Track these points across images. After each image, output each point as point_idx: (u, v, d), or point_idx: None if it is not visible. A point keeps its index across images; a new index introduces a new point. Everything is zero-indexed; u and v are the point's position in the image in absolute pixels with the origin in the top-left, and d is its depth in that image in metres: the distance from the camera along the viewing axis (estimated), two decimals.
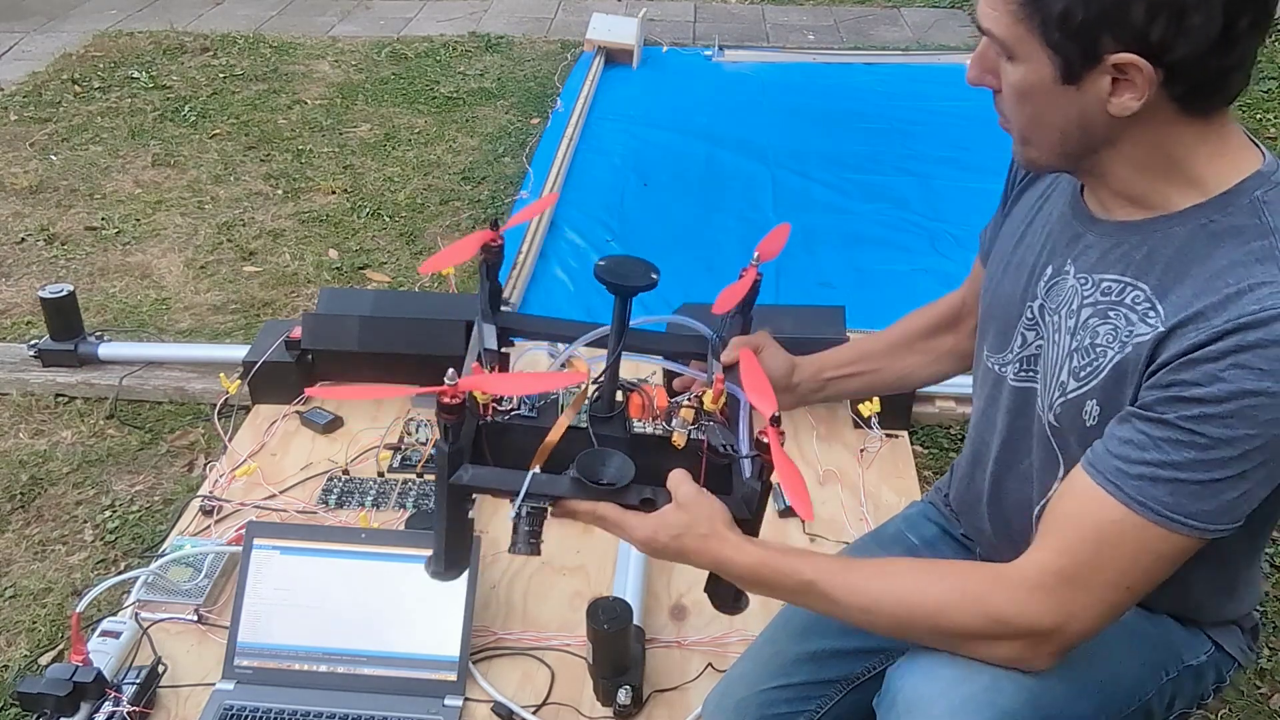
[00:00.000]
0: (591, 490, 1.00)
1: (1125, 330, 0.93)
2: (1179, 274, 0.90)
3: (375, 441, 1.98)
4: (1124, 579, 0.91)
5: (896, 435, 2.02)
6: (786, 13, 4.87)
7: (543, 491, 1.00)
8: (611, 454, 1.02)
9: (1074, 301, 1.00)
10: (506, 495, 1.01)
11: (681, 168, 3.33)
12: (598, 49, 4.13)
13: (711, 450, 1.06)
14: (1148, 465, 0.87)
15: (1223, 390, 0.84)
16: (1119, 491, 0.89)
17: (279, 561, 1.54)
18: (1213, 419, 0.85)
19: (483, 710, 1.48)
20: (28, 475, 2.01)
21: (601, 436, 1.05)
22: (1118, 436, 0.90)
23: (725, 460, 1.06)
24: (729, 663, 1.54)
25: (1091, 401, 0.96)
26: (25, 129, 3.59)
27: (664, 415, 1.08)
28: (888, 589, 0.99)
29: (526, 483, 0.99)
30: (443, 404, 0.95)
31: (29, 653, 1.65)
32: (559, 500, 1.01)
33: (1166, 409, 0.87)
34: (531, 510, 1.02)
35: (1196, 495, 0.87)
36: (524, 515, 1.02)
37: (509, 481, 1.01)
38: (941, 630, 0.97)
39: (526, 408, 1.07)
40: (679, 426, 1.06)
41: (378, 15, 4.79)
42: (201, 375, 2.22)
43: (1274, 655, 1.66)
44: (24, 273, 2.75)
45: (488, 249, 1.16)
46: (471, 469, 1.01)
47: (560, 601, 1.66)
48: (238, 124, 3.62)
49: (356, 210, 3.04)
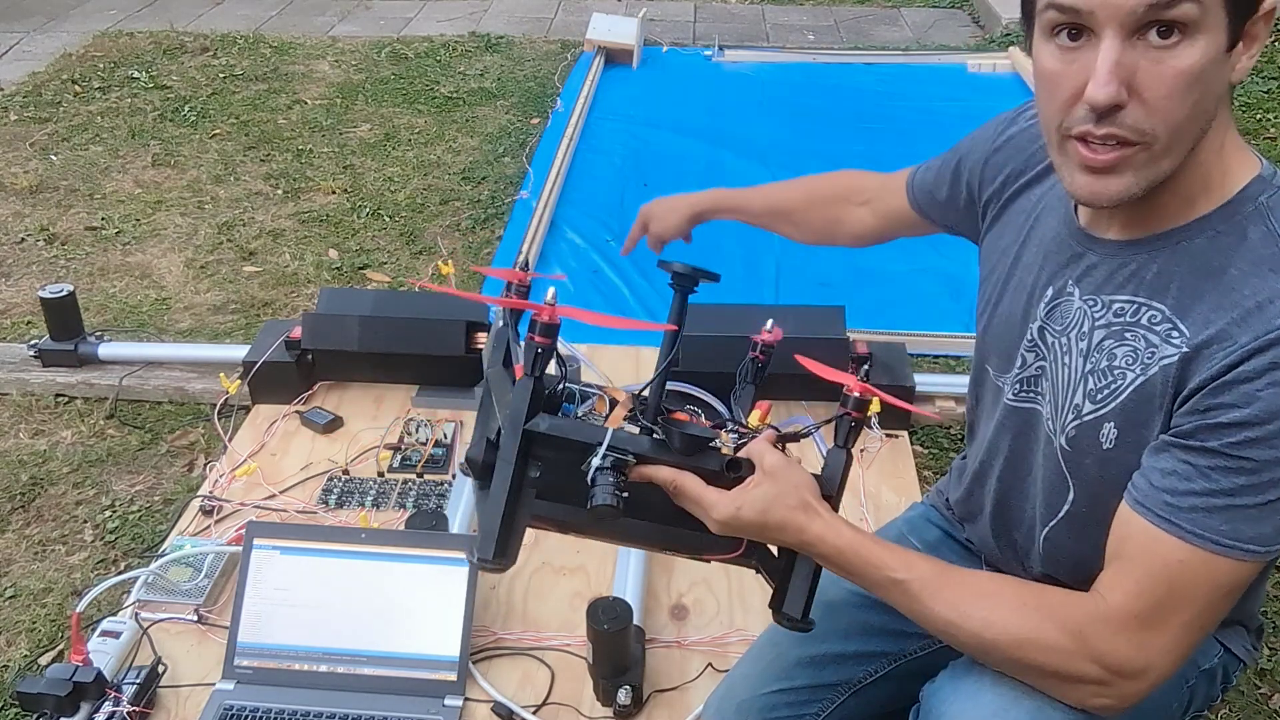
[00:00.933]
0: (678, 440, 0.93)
1: (1146, 352, 0.90)
2: (1195, 291, 0.88)
3: (375, 441, 1.98)
4: (1200, 617, 0.89)
5: (896, 435, 2.02)
6: (786, 13, 4.87)
7: (626, 446, 0.93)
8: (691, 424, 0.97)
9: (1084, 324, 0.97)
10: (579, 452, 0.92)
11: (681, 168, 3.33)
12: (598, 49, 4.13)
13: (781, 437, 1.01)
14: (1198, 495, 0.85)
15: (1263, 411, 0.82)
16: (1175, 528, 0.86)
17: (279, 561, 1.54)
18: (1257, 442, 0.82)
19: (483, 710, 1.48)
20: (28, 475, 2.01)
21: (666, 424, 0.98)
22: (1159, 469, 0.88)
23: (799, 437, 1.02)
24: (729, 663, 1.54)
25: (1109, 424, 0.94)
26: (25, 129, 3.59)
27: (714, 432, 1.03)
28: (979, 608, 0.94)
29: (608, 436, 0.92)
30: (542, 323, 0.88)
31: (29, 653, 1.65)
32: (640, 462, 0.95)
33: (1208, 436, 0.85)
34: (616, 462, 0.93)
35: (1255, 519, 0.84)
36: (607, 467, 0.92)
37: (589, 433, 0.93)
38: (1024, 662, 0.94)
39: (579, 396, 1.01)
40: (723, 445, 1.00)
41: (378, 15, 4.79)
42: (201, 375, 2.22)
43: (1274, 655, 1.66)
44: (24, 273, 2.75)
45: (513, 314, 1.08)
46: (548, 417, 0.92)
47: (560, 601, 1.66)
48: (238, 124, 3.62)
49: (356, 210, 3.04)
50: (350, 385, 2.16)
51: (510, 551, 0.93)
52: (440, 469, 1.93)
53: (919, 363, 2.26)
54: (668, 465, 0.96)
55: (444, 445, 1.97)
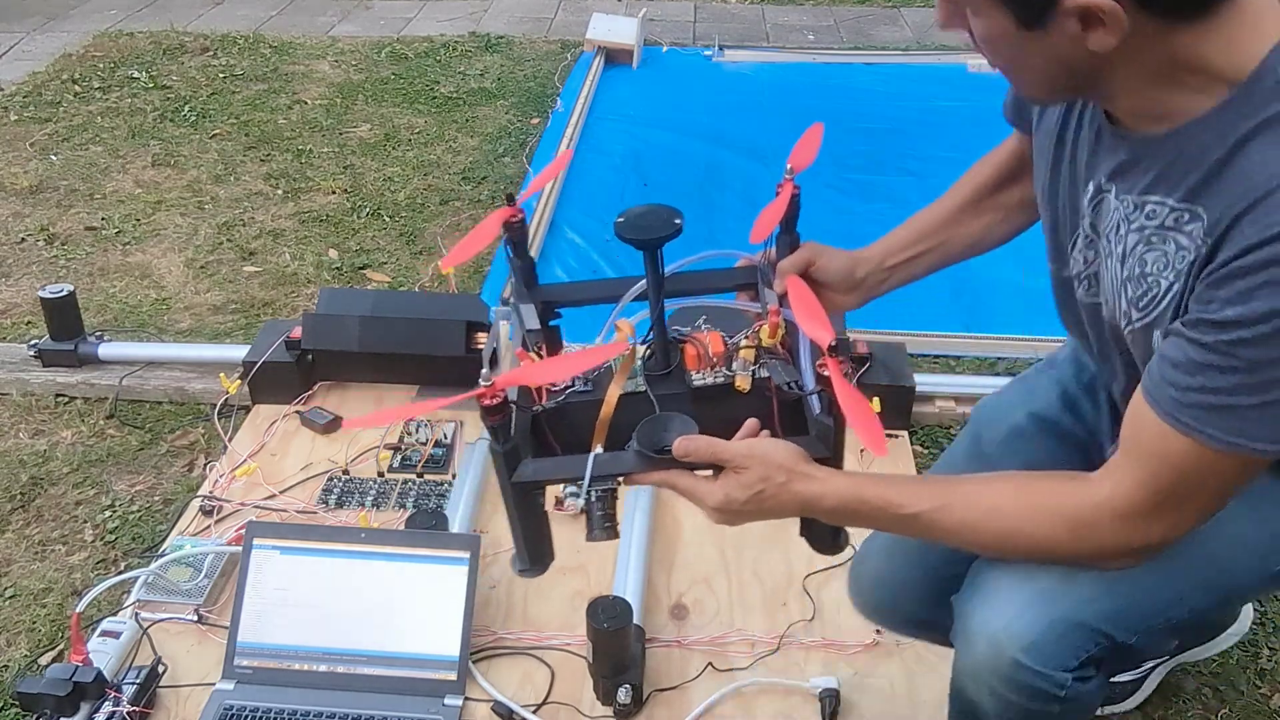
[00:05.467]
0: (656, 461, 0.95)
1: (1177, 256, 0.88)
2: (1218, 186, 0.85)
3: (375, 441, 1.98)
4: (1213, 500, 0.93)
5: (896, 435, 2.02)
6: (786, 13, 4.87)
7: (607, 472, 0.96)
8: (671, 417, 0.98)
9: (1120, 226, 0.95)
10: (572, 482, 0.97)
11: (681, 168, 3.32)
12: (598, 49, 4.13)
13: (778, 389, 1.01)
14: (1199, 393, 0.85)
15: (1256, 310, 0.80)
16: (1180, 424, 0.87)
17: (279, 561, 1.54)
18: (1250, 342, 0.81)
19: (483, 710, 1.48)
20: (28, 475, 2.01)
21: (662, 397, 1.01)
22: (1167, 357, 0.88)
23: (795, 397, 1.01)
24: (729, 662, 1.55)
25: (1157, 332, 0.92)
26: (25, 129, 3.58)
27: (723, 360, 1.03)
28: (991, 524, 0.99)
29: (589, 467, 0.95)
30: (484, 407, 0.92)
31: (29, 653, 1.65)
32: (628, 476, 0.97)
33: (1206, 331, 0.84)
34: (601, 494, 0.98)
35: (1256, 420, 0.84)
36: (594, 500, 0.98)
37: (571, 468, 0.97)
38: (1039, 556, 1.01)
39: (581, 383, 1.03)
40: (740, 369, 1.02)
41: (378, 15, 4.79)
42: (201, 375, 2.22)
43: (1274, 655, 1.66)
44: (24, 273, 2.74)
45: (509, 226, 1.10)
46: (532, 463, 0.97)
47: (560, 601, 1.66)
48: (238, 124, 3.62)
49: (356, 210, 3.04)
50: (350, 385, 2.16)
51: (543, 558, 1.05)
52: (440, 469, 1.93)
53: (919, 363, 2.26)
54: (656, 471, 0.98)
55: (444, 445, 1.97)
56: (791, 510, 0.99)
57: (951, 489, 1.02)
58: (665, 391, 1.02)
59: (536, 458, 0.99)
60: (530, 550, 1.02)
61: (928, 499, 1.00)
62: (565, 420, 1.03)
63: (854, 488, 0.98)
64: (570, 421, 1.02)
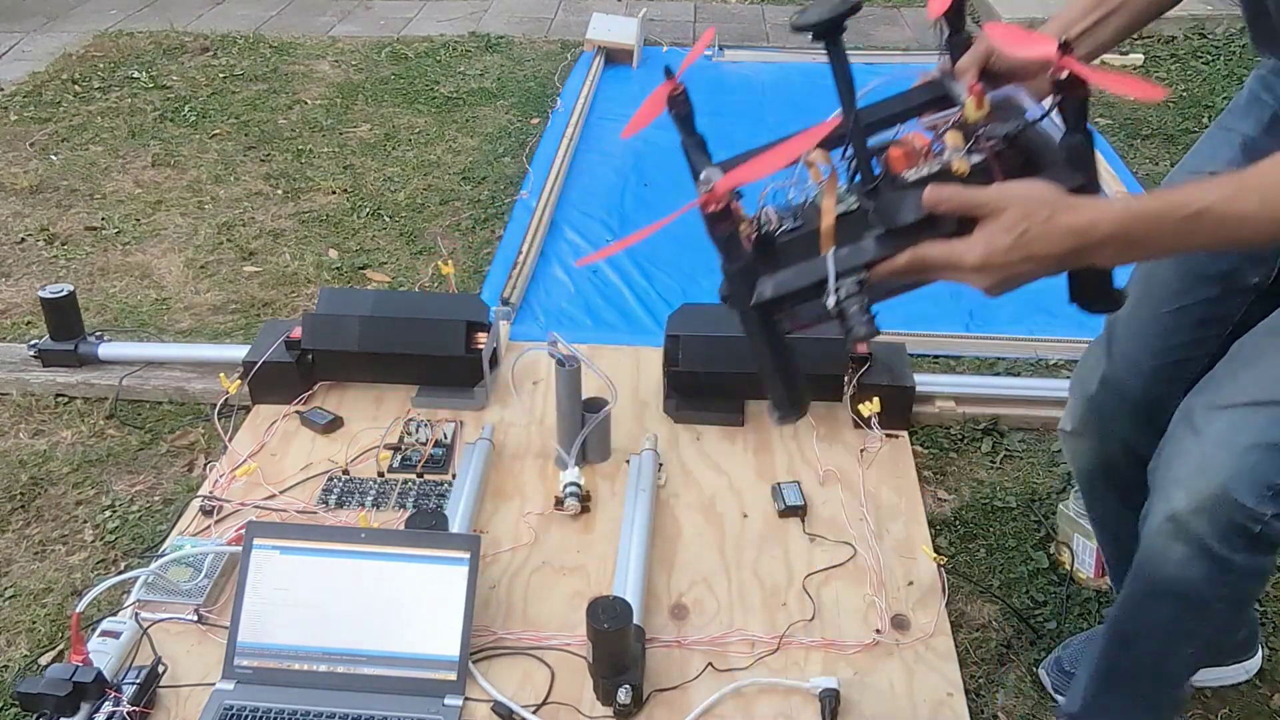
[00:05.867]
0: (900, 237, 0.89)
1: None
2: None
3: (375, 441, 1.98)
4: None
5: (896, 435, 2.02)
6: (786, 13, 4.87)
7: (852, 264, 0.91)
8: (902, 195, 0.92)
9: None
10: (814, 294, 0.91)
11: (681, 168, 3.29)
12: (598, 49, 4.13)
13: (1006, 144, 0.93)
14: None
15: None
16: None
17: (279, 561, 1.54)
18: None
19: (483, 710, 1.48)
20: (28, 475, 2.01)
21: (879, 205, 0.95)
22: None
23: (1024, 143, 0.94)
24: (729, 662, 1.55)
25: None
26: (25, 129, 3.59)
27: (931, 155, 0.96)
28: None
29: (831, 265, 0.90)
30: (709, 216, 0.86)
31: (29, 653, 1.65)
32: (874, 265, 0.92)
33: None
34: (850, 293, 0.92)
35: None
36: (844, 299, 0.92)
37: (812, 273, 0.91)
38: None
39: (790, 222, 0.98)
40: (954, 154, 0.94)
41: (378, 15, 4.79)
42: (201, 375, 2.22)
43: (1274, 655, 1.66)
44: (24, 273, 2.75)
45: (673, 100, 1.07)
46: (769, 279, 0.92)
47: (560, 601, 1.66)
48: (238, 124, 3.62)
49: (356, 210, 3.04)
50: (350, 385, 2.16)
51: (800, 403, 1.00)
52: (440, 469, 1.93)
53: (919, 363, 2.26)
54: (904, 251, 0.91)
55: (444, 445, 1.97)
56: (1060, 249, 0.88)
57: (1237, 176, 0.91)
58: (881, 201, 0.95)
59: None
60: (787, 390, 0.96)
61: (1215, 190, 0.89)
62: (784, 261, 0.96)
63: (1126, 204, 0.89)
64: (790, 260, 0.96)
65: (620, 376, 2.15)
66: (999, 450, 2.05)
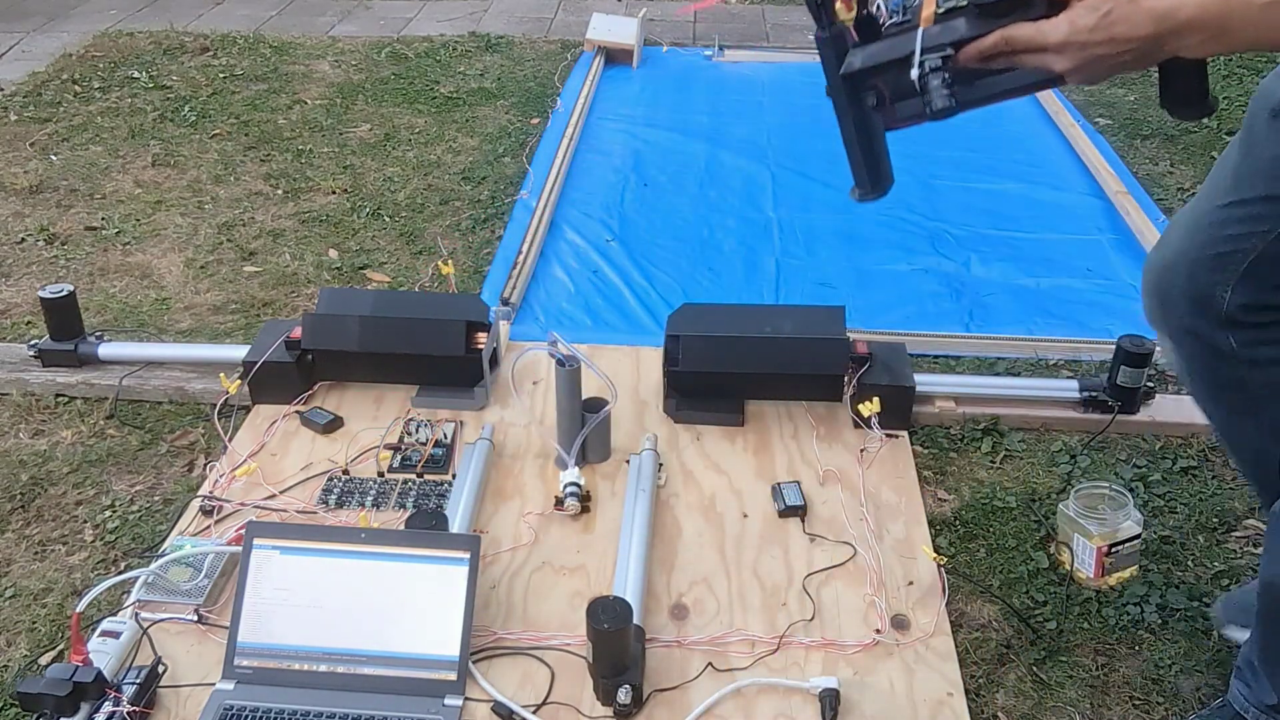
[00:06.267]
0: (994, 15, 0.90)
1: None
2: None
3: (375, 441, 1.98)
4: None
5: (896, 435, 2.02)
6: (786, 13, 4.87)
7: (940, 41, 0.93)
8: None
9: None
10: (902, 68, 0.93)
11: (681, 168, 3.32)
12: (598, 49, 4.13)
13: None
14: None
15: None
16: None
17: (279, 561, 1.54)
18: None
19: (483, 710, 1.48)
20: (28, 475, 2.01)
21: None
22: None
23: None
24: (729, 662, 1.55)
25: None
26: (25, 129, 3.58)
27: None
28: None
29: (919, 40, 0.92)
30: None
31: (29, 653, 1.65)
32: (962, 46, 0.93)
33: None
34: (934, 66, 0.94)
35: None
36: (929, 71, 0.94)
37: (902, 47, 0.93)
38: None
39: (899, 16, 0.99)
40: None
41: (378, 15, 4.79)
42: (201, 375, 2.22)
43: None
44: (24, 273, 2.74)
45: None
46: (859, 50, 0.94)
47: (560, 601, 1.66)
48: (238, 124, 3.62)
49: (356, 210, 3.04)
50: (350, 385, 2.16)
51: (881, 179, 1.02)
52: (440, 469, 1.93)
53: (919, 363, 2.26)
54: (992, 31, 0.92)
55: (444, 445, 1.97)
56: (1142, 32, 0.88)
57: None
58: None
59: None
60: (869, 168, 0.98)
61: None
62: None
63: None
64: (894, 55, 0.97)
65: (620, 376, 2.15)
66: (999, 450, 2.05)
